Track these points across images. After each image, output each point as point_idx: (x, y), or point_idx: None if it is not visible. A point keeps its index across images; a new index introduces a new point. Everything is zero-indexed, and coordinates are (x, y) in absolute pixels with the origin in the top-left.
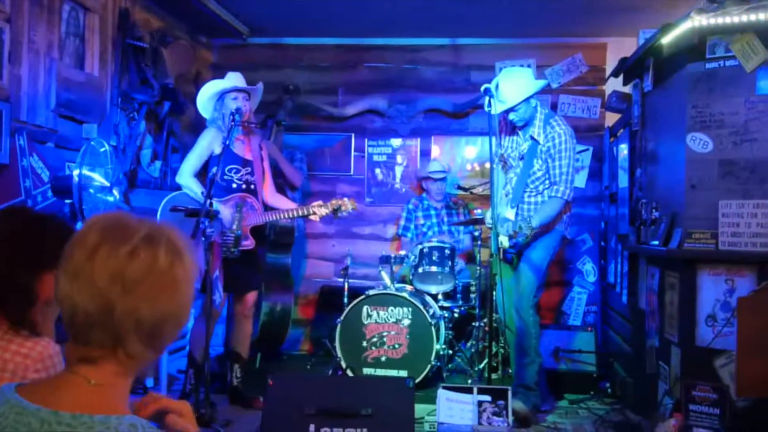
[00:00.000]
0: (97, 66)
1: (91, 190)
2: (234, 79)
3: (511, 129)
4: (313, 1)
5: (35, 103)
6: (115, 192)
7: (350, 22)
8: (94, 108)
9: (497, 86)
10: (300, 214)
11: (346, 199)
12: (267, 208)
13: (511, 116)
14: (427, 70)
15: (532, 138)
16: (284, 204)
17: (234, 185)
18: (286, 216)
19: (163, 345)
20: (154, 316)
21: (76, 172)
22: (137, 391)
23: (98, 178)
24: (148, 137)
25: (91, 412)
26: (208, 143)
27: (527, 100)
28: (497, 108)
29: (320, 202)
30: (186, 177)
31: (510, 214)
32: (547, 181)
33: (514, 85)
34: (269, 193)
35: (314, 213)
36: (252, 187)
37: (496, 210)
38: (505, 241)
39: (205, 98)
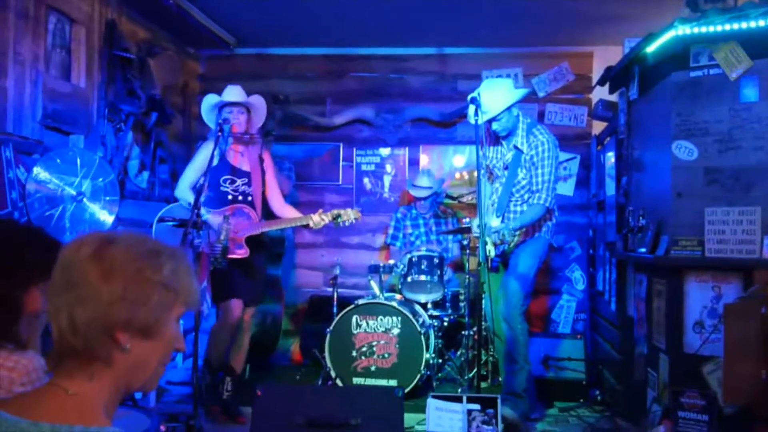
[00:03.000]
0: (83, 77)
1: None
2: (228, 93)
3: (495, 139)
4: (300, 11)
5: (21, 115)
6: (87, 202)
7: (336, 32)
8: (80, 119)
9: (478, 97)
10: (298, 223)
11: (350, 209)
12: (269, 217)
13: (494, 126)
14: (414, 80)
15: (515, 147)
16: (291, 213)
17: (229, 197)
18: (284, 225)
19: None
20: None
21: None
22: (126, 402)
23: (57, 183)
24: (136, 148)
25: (69, 422)
26: (204, 156)
27: (509, 109)
28: (479, 118)
29: (320, 211)
30: (182, 190)
31: (495, 222)
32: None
33: (494, 95)
34: (277, 204)
35: (312, 221)
36: (249, 198)
37: (483, 219)
38: (491, 250)
39: (205, 112)
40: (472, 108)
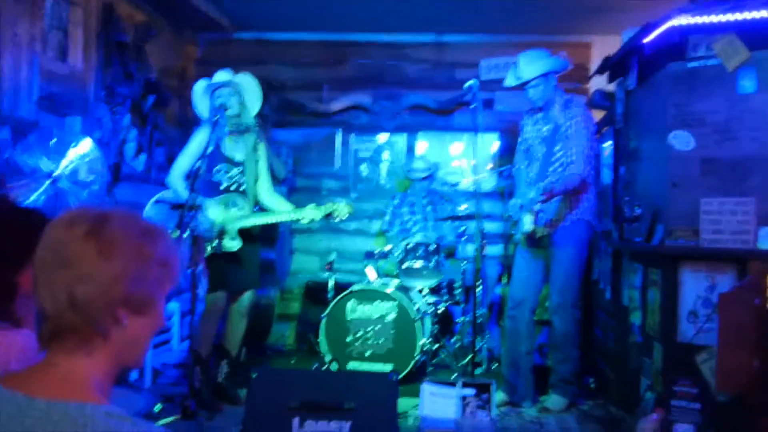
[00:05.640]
0: (80, 59)
1: None
2: (218, 76)
3: (533, 117)
4: None
5: (18, 96)
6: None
7: (334, 18)
8: (77, 101)
9: (516, 65)
10: (290, 218)
11: (343, 203)
12: (262, 208)
13: (530, 93)
14: (412, 67)
15: (553, 120)
16: (280, 205)
17: (223, 185)
18: (275, 220)
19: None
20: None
21: None
22: (121, 383)
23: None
24: (133, 131)
25: (66, 399)
26: (198, 143)
27: (546, 76)
28: (514, 81)
29: (313, 205)
30: (175, 178)
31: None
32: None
33: (531, 60)
34: (266, 194)
35: (304, 217)
36: (242, 187)
37: (516, 200)
38: (527, 223)
39: (197, 99)
40: (511, 73)
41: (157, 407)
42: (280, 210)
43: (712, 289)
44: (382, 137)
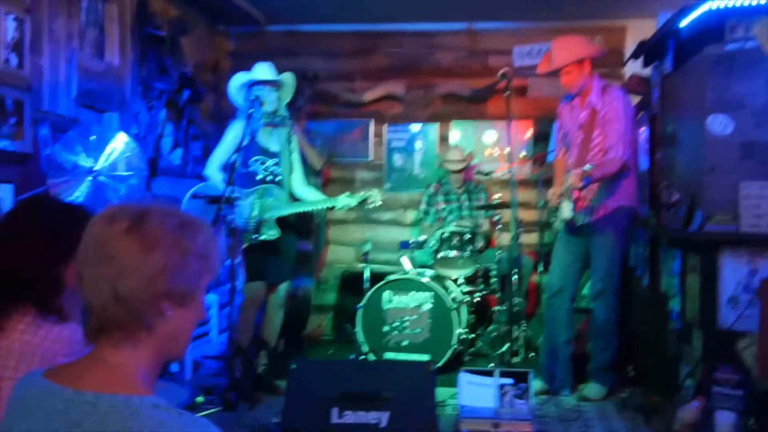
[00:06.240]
0: (116, 55)
1: None
2: (259, 71)
3: (570, 104)
4: None
5: (57, 93)
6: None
7: (366, 8)
8: (114, 97)
9: (550, 51)
10: (325, 205)
11: (375, 190)
12: (294, 199)
13: (564, 79)
14: (444, 56)
15: (590, 106)
16: (312, 195)
17: (259, 176)
18: (312, 207)
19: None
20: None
21: None
22: (162, 376)
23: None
24: (169, 125)
25: (113, 392)
26: (234, 135)
27: (579, 62)
28: (547, 68)
29: (347, 194)
30: (212, 169)
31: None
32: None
33: (564, 46)
34: (299, 186)
35: (338, 203)
36: (277, 178)
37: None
38: (567, 210)
39: (234, 90)
40: (545, 59)
41: (199, 399)
42: (315, 199)
43: (753, 275)
44: (416, 127)
